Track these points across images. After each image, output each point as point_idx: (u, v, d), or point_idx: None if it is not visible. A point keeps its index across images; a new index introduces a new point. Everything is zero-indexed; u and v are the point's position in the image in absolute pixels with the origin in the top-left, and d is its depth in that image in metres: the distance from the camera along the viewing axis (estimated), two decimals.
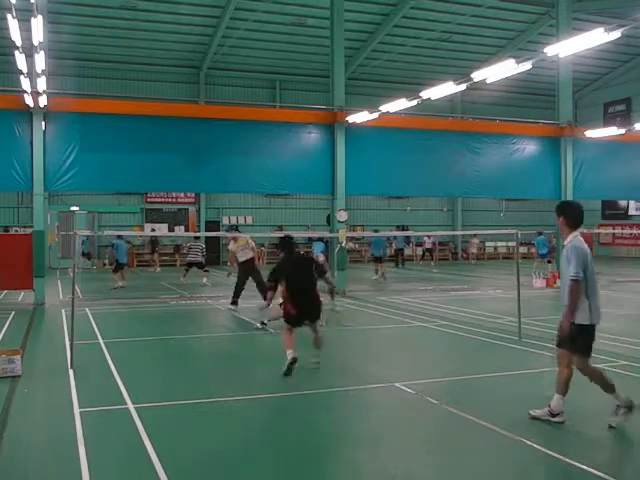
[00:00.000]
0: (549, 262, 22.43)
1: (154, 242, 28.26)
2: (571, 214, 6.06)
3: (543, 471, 5.06)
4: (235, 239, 14.64)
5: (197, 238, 21.46)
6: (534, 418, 6.03)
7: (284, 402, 6.96)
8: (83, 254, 27.40)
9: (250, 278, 14.22)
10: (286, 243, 8.75)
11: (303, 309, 8.25)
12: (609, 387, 5.94)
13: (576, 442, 5.71)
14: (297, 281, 8.27)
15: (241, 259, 14.00)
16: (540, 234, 23.23)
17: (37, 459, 5.30)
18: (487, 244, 34.77)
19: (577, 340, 5.85)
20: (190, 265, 20.49)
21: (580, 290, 5.77)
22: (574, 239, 5.96)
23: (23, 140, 15.33)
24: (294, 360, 7.89)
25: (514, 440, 5.59)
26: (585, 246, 5.92)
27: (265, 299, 14.80)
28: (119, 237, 20.01)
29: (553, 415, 5.96)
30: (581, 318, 5.82)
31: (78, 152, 15.79)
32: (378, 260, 23.16)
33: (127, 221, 30.32)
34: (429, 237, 31.21)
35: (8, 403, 6.79)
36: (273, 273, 8.59)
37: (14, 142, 15.27)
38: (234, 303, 14.32)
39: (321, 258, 22.68)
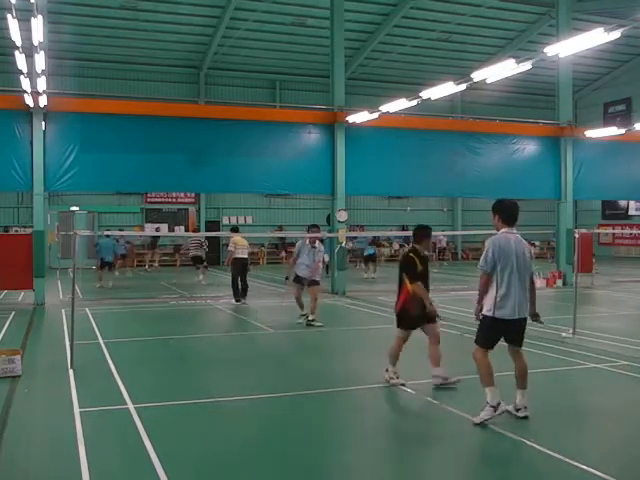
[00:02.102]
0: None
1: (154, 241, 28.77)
2: (504, 212, 6.23)
3: (544, 471, 5.05)
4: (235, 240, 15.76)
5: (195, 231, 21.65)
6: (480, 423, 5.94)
7: (284, 402, 6.96)
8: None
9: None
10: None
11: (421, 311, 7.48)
12: (487, 381, 6.03)
13: (577, 442, 5.71)
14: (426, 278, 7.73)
15: (239, 255, 15.50)
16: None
17: (37, 459, 5.30)
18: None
19: (479, 328, 6.23)
20: (195, 260, 20.70)
21: (486, 281, 6.06)
22: (499, 234, 6.16)
23: (23, 140, 15.31)
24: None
25: (515, 440, 5.59)
26: (506, 242, 6.06)
27: (240, 300, 15.46)
28: (107, 236, 20.78)
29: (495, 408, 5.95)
30: (485, 308, 6.11)
31: (78, 152, 15.77)
32: (370, 259, 23.27)
33: (127, 221, 30.32)
34: (445, 236, 31.22)
35: (8, 403, 6.78)
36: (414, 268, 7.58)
37: (14, 142, 15.25)
38: (238, 300, 15.52)
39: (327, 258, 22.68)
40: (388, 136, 18.47)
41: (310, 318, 12.06)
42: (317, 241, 12.32)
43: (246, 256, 15.80)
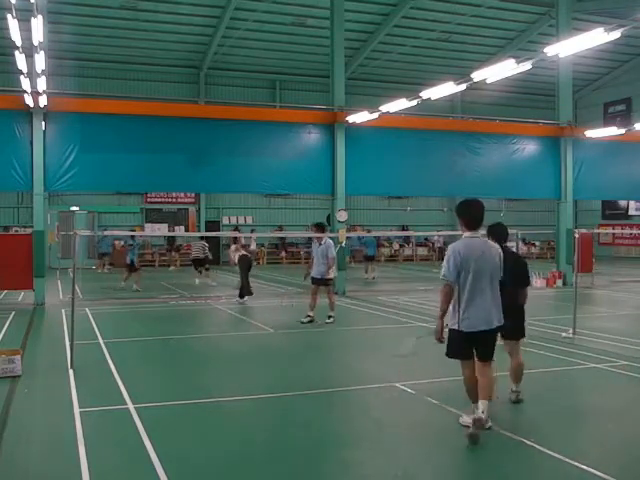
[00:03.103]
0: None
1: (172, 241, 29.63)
2: (469, 216, 5.71)
3: (544, 471, 5.05)
4: (236, 239, 16.02)
5: (201, 238, 21.46)
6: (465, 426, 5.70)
7: (284, 402, 6.96)
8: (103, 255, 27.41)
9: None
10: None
11: None
12: (472, 397, 5.72)
13: (577, 442, 5.71)
14: None
15: (241, 253, 15.86)
16: None
17: (37, 459, 5.30)
18: None
19: (448, 342, 5.74)
20: (194, 263, 20.59)
21: (448, 292, 5.60)
22: (461, 240, 5.70)
23: (23, 140, 15.31)
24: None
25: (515, 440, 5.59)
26: (468, 248, 5.57)
27: (244, 296, 15.50)
28: (132, 237, 20.81)
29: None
30: (450, 321, 5.67)
31: (78, 152, 15.78)
32: (370, 259, 23.26)
33: (127, 221, 30.30)
34: (440, 236, 31.16)
35: (8, 403, 6.78)
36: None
37: (14, 142, 15.25)
38: (249, 294, 15.82)
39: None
40: (388, 136, 18.47)
41: (327, 315, 12.44)
42: (323, 238, 12.47)
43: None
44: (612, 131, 20.61)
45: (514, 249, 11.44)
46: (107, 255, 27.26)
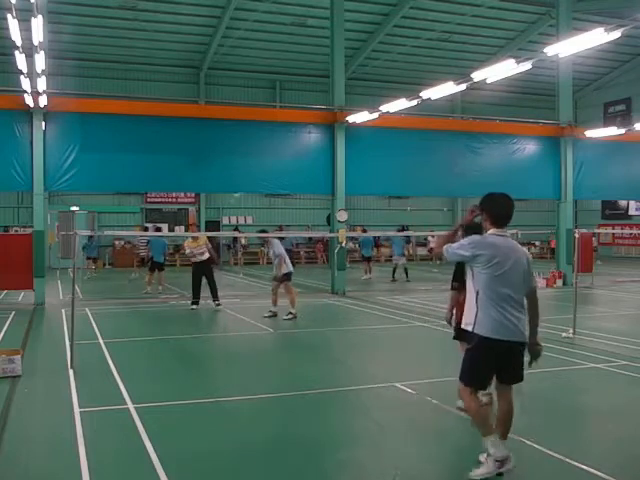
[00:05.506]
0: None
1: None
2: (491, 209, 5.00)
3: (544, 471, 5.05)
4: (195, 238, 15.02)
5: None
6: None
7: (284, 402, 6.96)
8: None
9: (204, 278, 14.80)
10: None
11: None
12: (486, 431, 4.82)
13: (577, 442, 5.71)
14: None
15: (199, 258, 14.56)
16: None
17: (37, 459, 5.30)
18: None
19: (465, 352, 4.84)
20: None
21: (440, 253, 5.00)
22: (488, 235, 4.93)
23: (23, 140, 15.30)
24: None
25: (515, 440, 5.58)
26: (495, 247, 4.78)
27: (218, 302, 14.75)
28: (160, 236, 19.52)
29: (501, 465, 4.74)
30: (467, 319, 4.78)
31: (78, 152, 15.78)
32: (367, 260, 23.34)
33: (127, 221, 30.32)
34: (433, 237, 31.27)
35: (8, 403, 6.78)
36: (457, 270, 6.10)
37: (14, 142, 15.25)
38: (196, 303, 14.68)
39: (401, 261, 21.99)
40: (388, 136, 18.46)
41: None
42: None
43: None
44: (612, 131, 20.60)
45: None
46: (97, 260, 27.02)
